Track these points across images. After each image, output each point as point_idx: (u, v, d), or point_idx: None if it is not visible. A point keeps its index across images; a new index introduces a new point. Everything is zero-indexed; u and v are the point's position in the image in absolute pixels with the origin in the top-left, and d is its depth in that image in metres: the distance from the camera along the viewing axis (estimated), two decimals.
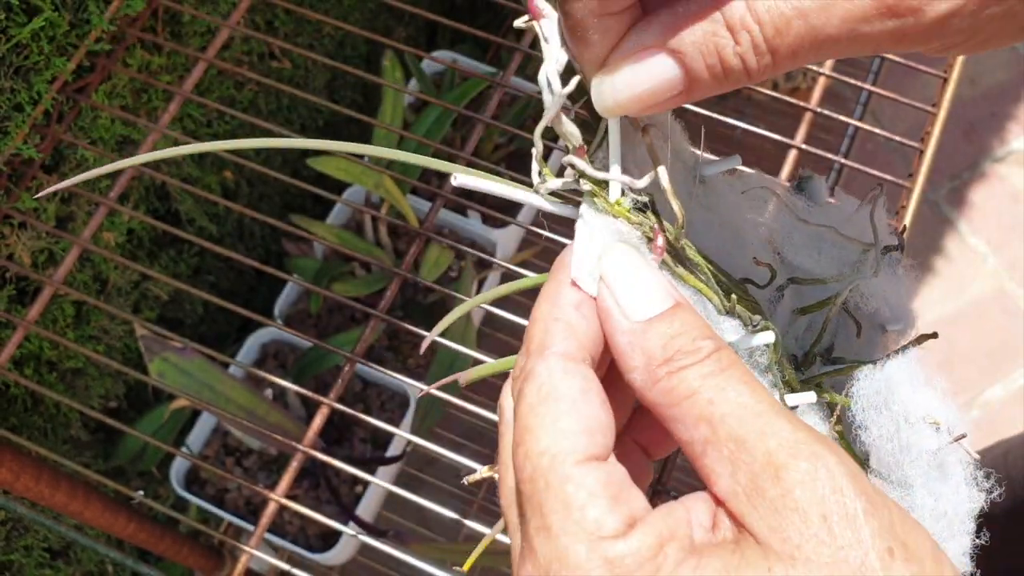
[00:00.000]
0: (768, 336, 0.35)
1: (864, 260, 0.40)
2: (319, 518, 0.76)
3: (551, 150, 0.85)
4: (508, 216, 0.87)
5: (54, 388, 0.98)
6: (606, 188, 0.35)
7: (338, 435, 1.18)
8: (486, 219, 1.25)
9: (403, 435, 0.76)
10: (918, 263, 0.42)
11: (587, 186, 0.35)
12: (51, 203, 0.90)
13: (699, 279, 0.35)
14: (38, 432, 0.99)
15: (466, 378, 0.38)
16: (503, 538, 0.63)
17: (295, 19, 1.15)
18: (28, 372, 0.95)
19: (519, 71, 0.92)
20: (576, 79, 0.33)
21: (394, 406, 1.20)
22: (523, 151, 1.32)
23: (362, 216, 1.24)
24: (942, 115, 0.85)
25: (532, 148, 0.36)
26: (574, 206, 0.36)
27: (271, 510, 0.76)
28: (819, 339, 0.39)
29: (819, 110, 0.86)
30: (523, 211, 1.20)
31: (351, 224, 1.27)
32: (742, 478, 0.30)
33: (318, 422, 0.77)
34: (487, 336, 1.39)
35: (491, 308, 0.76)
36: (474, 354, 0.77)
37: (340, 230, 1.19)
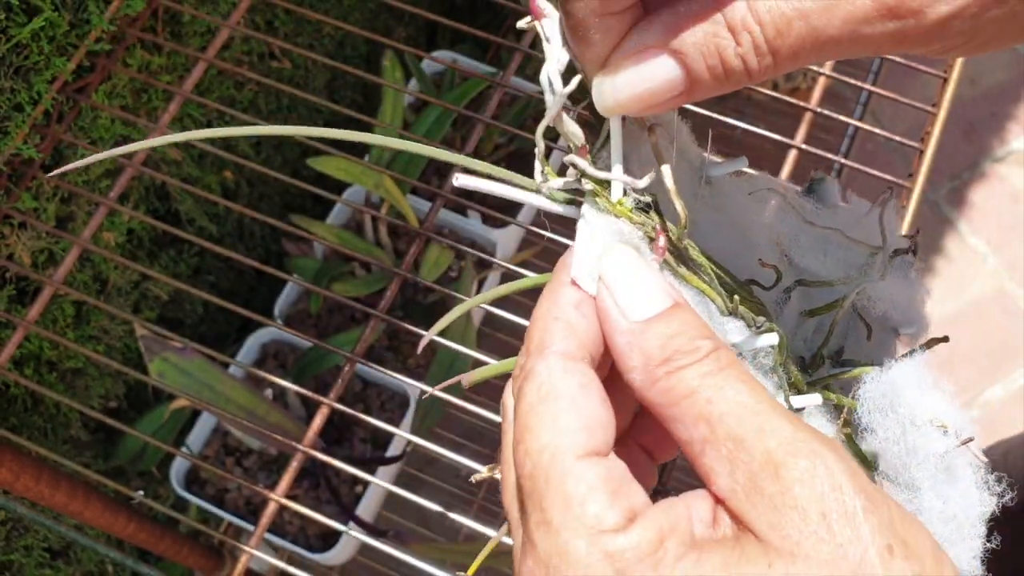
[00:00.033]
0: (772, 338, 0.35)
1: (871, 263, 0.40)
2: (319, 518, 0.76)
3: (551, 150, 0.85)
4: (508, 216, 0.87)
5: (54, 388, 0.98)
6: (608, 188, 0.35)
7: (338, 435, 1.18)
8: (486, 219, 1.25)
9: (403, 435, 0.76)
10: (919, 263, 0.42)
11: (589, 186, 0.35)
12: (51, 203, 0.90)
13: (702, 280, 0.35)
14: (38, 432, 0.99)
15: (470, 379, 0.38)
16: (505, 539, 0.63)
17: (295, 19, 1.15)
18: (28, 372, 0.95)
19: (519, 71, 0.92)
20: (577, 79, 0.33)
21: (394, 406, 1.20)
22: (523, 151, 1.32)
23: (362, 216, 1.24)
24: (942, 115, 0.85)
25: (533, 148, 0.36)
26: (576, 206, 0.36)
27: (271, 510, 0.76)
28: (826, 341, 0.39)
29: (819, 110, 0.86)
30: (523, 211, 1.20)
31: (351, 224, 1.27)
32: (741, 476, 0.30)
33: (318, 422, 0.77)
34: (487, 336, 1.39)
35: (491, 308, 0.76)
36: (474, 354, 0.77)
37: (340, 230, 1.19)
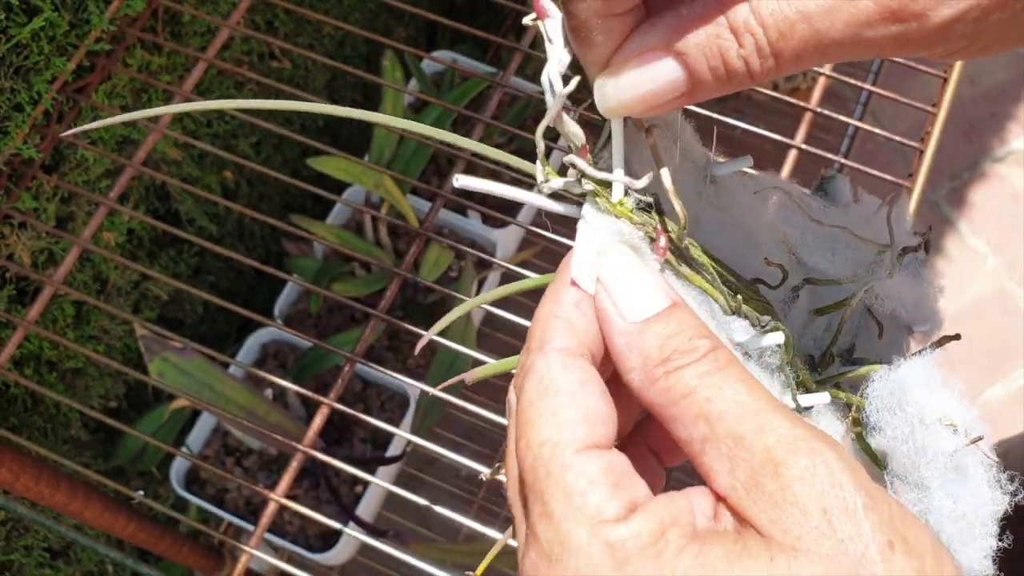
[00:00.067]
0: (778, 337, 0.35)
1: (879, 262, 0.40)
2: (319, 518, 0.76)
3: (551, 150, 0.85)
4: (508, 216, 0.87)
5: (54, 388, 0.98)
6: (609, 188, 0.35)
7: (338, 435, 1.18)
8: (486, 219, 1.25)
9: (403, 435, 0.76)
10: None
11: (589, 186, 0.35)
12: (51, 203, 0.90)
13: (705, 279, 0.35)
14: (38, 432, 0.99)
15: (472, 377, 0.39)
16: (510, 541, 0.63)
17: (295, 19, 1.15)
18: (28, 372, 0.94)
19: (519, 71, 0.92)
20: (577, 79, 0.33)
21: (394, 406, 1.20)
22: (523, 151, 1.32)
23: (362, 216, 1.24)
24: (942, 115, 0.85)
25: (534, 148, 0.36)
26: (577, 206, 0.36)
27: (271, 510, 0.76)
28: (835, 340, 0.39)
29: (819, 110, 0.86)
30: (523, 211, 1.20)
31: (351, 224, 1.27)
32: (741, 474, 0.30)
33: (318, 422, 0.77)
34: (487, 336, 1.39)
35: (491, 308, 0.76)
36: (474, 354, 0.77)
37: (340, 230, 1.19)
